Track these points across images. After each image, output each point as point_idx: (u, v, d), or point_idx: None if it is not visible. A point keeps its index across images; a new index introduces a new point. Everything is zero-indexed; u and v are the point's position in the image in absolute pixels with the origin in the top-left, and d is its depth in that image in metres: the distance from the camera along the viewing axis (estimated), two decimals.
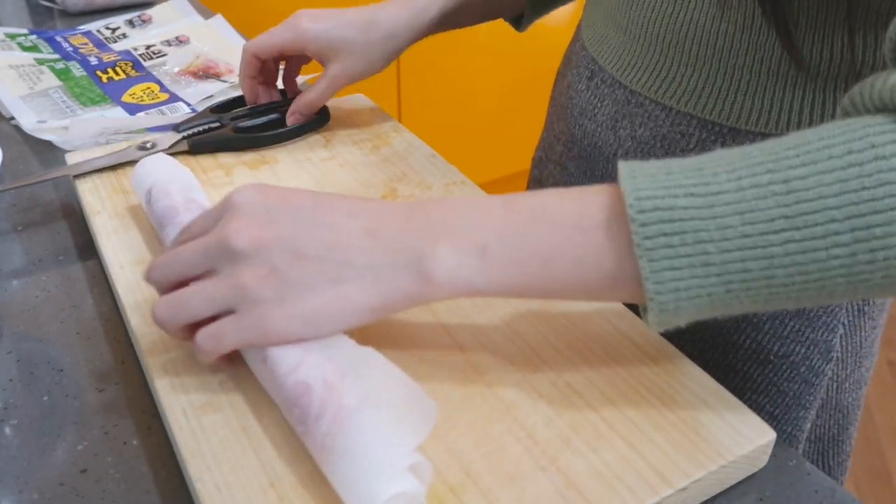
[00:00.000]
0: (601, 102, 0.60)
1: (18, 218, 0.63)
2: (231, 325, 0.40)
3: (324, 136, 0.70)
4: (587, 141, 0.62)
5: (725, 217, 0.34)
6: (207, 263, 0.40)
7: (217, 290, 0.40)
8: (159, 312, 0.41)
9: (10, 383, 0.47)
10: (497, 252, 0.38)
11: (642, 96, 0.56)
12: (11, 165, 0.71)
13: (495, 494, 0.37)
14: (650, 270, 0.35)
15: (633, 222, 0.35)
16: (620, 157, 0.59)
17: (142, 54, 0.92)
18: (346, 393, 0.37)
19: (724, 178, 0.34)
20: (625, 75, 0.57)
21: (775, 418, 0.59)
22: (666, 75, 0.54)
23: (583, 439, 0.39)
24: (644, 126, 0.56)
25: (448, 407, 0.42)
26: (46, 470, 0.42)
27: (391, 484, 0.33)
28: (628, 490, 0.37)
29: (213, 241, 0.40)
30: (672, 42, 0.53)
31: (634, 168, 0.36)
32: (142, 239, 0.55)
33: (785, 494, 0.40)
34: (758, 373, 0.57)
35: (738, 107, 0.51)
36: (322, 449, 0.36)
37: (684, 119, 0.54)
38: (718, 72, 0.51)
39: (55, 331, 0.51)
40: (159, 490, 0.41)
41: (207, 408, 0.42)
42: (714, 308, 0.36)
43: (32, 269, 0.57)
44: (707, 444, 0.39)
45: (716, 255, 0.34)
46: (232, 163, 0.65)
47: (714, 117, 0.52)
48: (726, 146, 0.52)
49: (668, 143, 0.55)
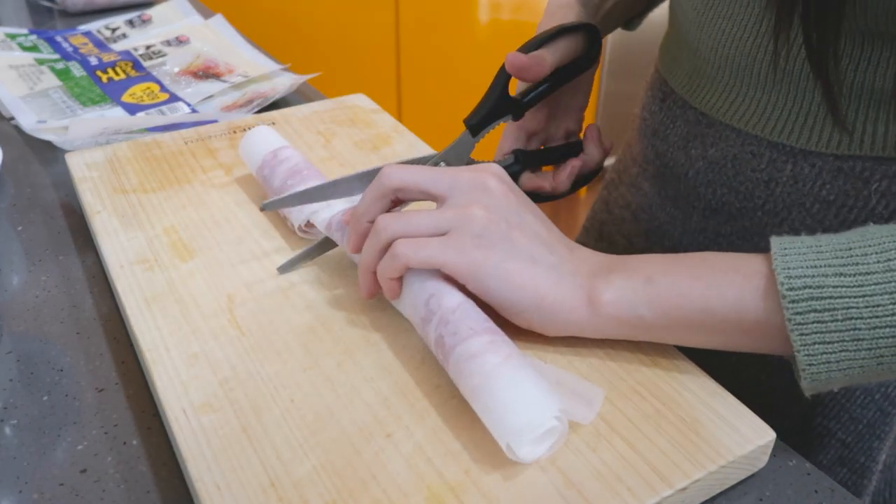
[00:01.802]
0: (673, 123, 0.60)
1: (18, 218, 0.63)
2: (435, 242, 0.42)
3: (324, 136, 0.70)
4: (659, 161, 0.62)
5: (875, 296, 0.36)
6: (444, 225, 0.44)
7: (444, 214, 0.43)
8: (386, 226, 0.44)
9: (10, 383, 0.47)
10: (662, 282, 0.41)
11: (712, 118, 0.56)
12: (11, 165, 0.71)
13: (495, 494, 0.37)
14: (801, 344, 0.37)
15: (784, 298, 0.37)
16: (691, 177, 0.59)
17: (142, 54, 0.92)
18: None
19: (873, 260, 0.36)
20: (694, 97, 0.57)
21: (847, 446, 0.57)
22: (735, 98, 0.54)
23: (583, 439, 0.40)
24: (715, 146, 0.56)
25: (448, 407, 0.42)
26: (46, 470, 0.42)
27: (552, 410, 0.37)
28: (628, 490, 0.37)
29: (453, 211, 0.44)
30: (741, 65, 0.52)
31: (785, 245, 0.38)
32: (142, 239, 0.55)
33: (785, 494, 0.40)
34: (829, 397, 0.56)
35: (808, 129, 0.51)
36: (492, 374, 0.38)
37: (754, 140, 0.54)
38: (788, 95, 0.51)
39: (55, 331, 0.51)
40: (159, 490, 0.41)
41: (207, 408, 0.42)
42: (865, 376, 0.38)
43: (32, 270, 0.57)
44: (707, 444, 0.39)
45: (866, 331, 0.36)
46: (232, 162, 0.65)
47: (783, 139, 0.52)
48: (797, 167, 0.52)
49: (738, 164, 0.55)
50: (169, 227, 0.57)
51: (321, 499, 0.37)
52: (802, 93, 0.50)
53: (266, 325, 0.48)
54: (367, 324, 0.48)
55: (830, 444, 0.56)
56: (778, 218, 0.54)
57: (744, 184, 0.55)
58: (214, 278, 0.51)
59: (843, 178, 0.50)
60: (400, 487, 0.37)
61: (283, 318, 0.48)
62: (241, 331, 0.47)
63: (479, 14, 1.96)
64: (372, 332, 0.47)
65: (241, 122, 0.72)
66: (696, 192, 0.59)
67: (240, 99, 0.83)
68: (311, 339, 0.47)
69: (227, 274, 0.52)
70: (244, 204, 0.60)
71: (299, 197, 0.51)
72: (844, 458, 0.56)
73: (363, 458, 0.39)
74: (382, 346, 0.46)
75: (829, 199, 0.51)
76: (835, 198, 0.51)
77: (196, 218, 0.58)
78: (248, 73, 0.87)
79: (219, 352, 0.45)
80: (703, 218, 0.59)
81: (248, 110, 0.79)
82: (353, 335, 0.47)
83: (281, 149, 0.59)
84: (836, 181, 0.51)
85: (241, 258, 0.54)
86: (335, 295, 0.50)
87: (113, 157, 0.66)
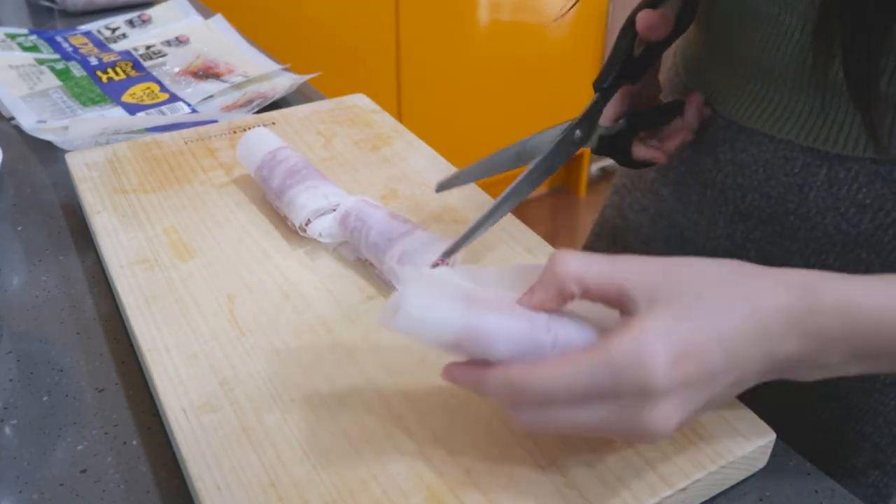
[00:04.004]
0: (699, 128, 0.58)
1: (18, 218, 0.63)
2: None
3: (324, 136, 0.70)
4: (683, 167, 0.61)
5: None
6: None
7: (607, 418, 0.34)
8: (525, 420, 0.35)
9: (10, 383, 0.47)
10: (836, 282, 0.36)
11: (742, 124, 0.55)
12: (11, 165, 0.70)
13: (495, 494, 0.37)
14: None
15: None
16: (719, 182, 0.57)
17: (142, 54, 0.92)
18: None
19: None
20: (724, 105, 0.56)
21: (881, 449, 0.55)
22: (767, 105, 0.53)
23: (583, 439, 0.39)
24: (745, 151, 0.55)
25: (448, 407, 0.42)
26: (46, 470, 0.42)
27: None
28: (628, 490, 0.37)
29: (627, 422, 0.34)
30: (774, 73, 0.51)
31: None
32: (142, 239, 0.55)
33: (785, 494, 0.40)
34: (863, 401, 0.55)
35: (845, 135, 0.50)
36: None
37: (787, 145, 0.52)
38: (824, 101, 0.50)
39: (55, 331, 0.51)
40: (159, 490, 0.41)
41: (207, 408, 0.42)
42: None
43: (32, 270, 0.57)
44: (707, 444, 0.39)
45: None
46: (231, 163, 0.65)
47: (819, 145, 0.51)
48: (832, 171, 0.51)
49: (770, 168, 0.54)
50: (169, 227, 0.57)
51: (321, 499, 0.37)
52: (838, 99, 0.49)
53: (266, 325, 0.48)
54: (367, 324, 0.48)
55: (865, 447, 0.55)
56: (811, 223, 0.53)
57: (776, 188, 0.54)
58: (214, 278, 0.51)
59: (880, 181, 0.49)
60: (400, 487, 0.37)
61: (283, 318, 0.48)
62: (241, 331, 0.47)
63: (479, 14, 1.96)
64: (372, 331, 0.47)
65: (241, 122, 0.72)
66: (724, 197, 0.58)
67: (240, 99, 0.83)
68: (311, 339, 0.47)
69: (228, 274, 0.52)
70: (244, 204, 0.60)
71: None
72: (878, 461, 0.55)
73: (363, 458, 0.39)
74: (382, 346, 0.46)
75: (866, 203, 0.50)
76: (871, 202, 0.50)
77: (196, 218, 0.58)
78: (248, 73, 0.87)
79: (219, 352, 0.45)
80: (731, 223, 0.58)
81: (248, 110, 0.79)
82: (353, 335, 0.47)
83: (279, 149, 0.59)
84: (873, 185, 0.50)
85: (241, 258, 0.54)
86: (335, 295, 0.50)
87: (113, 157, 0.66)
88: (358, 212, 0.52)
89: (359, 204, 0.53)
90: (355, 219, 0.52)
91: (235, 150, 0.62)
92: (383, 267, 0.50)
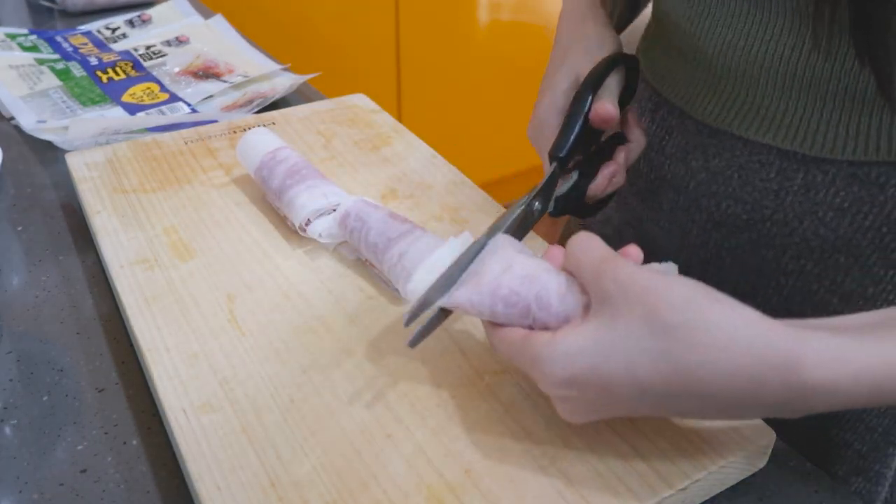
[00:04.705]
0: (669, 135, 0.58)
1: (18, 218, 0.63)
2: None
3: (324, 136, 0.70)
4: (654, 174, 0.60)
5: None
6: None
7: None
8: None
9: (10, 383, 0.47)
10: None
11: (714, 127, 0.54)
12: (11, 165, 0.70)
13: (495, 494, 0.37)
14: None
15: None
16: (692, 190, 0.56)
17: (142, 54, 0.92)
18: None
19: None
20: (694, 108, 0.55)
21: (863, 456, 0.55)
22: (741, 107, 0.52)
23: (583, 440, 0.39)
24: (719, 157, 0.54)
25: (448, 407, 0.42)
26: (46, 470, 0.42)
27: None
28: (628, 490, 0.37)
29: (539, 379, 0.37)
30: (747, 73, 0.50)
31: None
32: (142, 239, 0.55)
33: (785, 494, 0.40)
34: (847, 410, 0.53)
35: (822, 136, 0.49)
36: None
37: (763, 149, 0.52)
38: (799, 101, 0.49)
39: (55, 331, 0.51)
40: (159, 490, 0.41)
41: (207, 408, 0.42)
42: None
43: (32, 270, 0.57)
44: (707, 444, 0.39)
45: None
46: (231, 163, 0.65)
47: (796, 147, 0.50)
48: (809, 174, 0.50)
49: (745, 174, 0.53)
50: (169, 227, 0.57)
51: (321, 499, 0.37)
52: (814, 99, 0.48)
53: (266, 325, 0.48)
54: (367, 324, 0.48)
55: (847, 455, 0.55)
56: (788, 228, 0.52)
57: (751, 194, 0.53)
58: (214, 278, 0.51)
59: (857, 184, 0.49)
60: (400, 488, 0.37)
61: (283, 318, 0.48)
62: (241, 331, 0.47)
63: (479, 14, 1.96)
64: (372, 332, 0.47)
65: (241, 122, 0.72)
66: (697, 205, 0.57)
67: (240, 99, 0.83)
68: (311, 339, 0.47)
69: (227, 274, 0.52)
70: (244, 204, 0.60)
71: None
72: (860, 468, 0.55)
73: (363, 458, 0.39)
74: (382, 346, 0.46)
75: (844, 207, 0.50)
76: (849, 205, 0.49)
77: (196, 218, 0.58)
78: (248, 73, 0.87)
79: (219, 352, 0.45)
80: (704, 231, 0.57)
81: (248, 110, 0.79)
82: (353, 335, 0.47)
83: (279, 149, 0.59)
84: (851, 188, 0.49)
85: (241, 258, 0.54)
86: (335, 295, 0.50)
87: (113, 157, 0.66)
88: (357, 212, 0.52)
89: (358, 204, 0.53)
90: (355, 219, 0.52)
91: (235, 151, 0.62)
92: (383, 267, 0.50)
